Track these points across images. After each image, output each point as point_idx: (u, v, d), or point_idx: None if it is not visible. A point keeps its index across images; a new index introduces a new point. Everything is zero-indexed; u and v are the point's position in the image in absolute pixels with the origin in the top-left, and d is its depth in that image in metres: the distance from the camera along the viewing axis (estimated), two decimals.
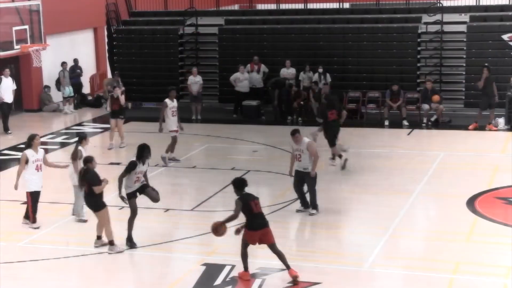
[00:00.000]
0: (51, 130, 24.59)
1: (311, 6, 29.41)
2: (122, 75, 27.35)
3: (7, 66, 24.33)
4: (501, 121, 23.02)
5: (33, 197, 14.77)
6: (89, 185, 13.40)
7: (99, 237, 13.78)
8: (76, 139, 16.66)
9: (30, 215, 14.79)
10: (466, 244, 13.69)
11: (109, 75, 29.88)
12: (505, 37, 25.24)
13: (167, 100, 19.41)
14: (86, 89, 29.43)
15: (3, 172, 19.78)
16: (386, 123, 23.84)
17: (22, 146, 21.53)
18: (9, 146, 22.00)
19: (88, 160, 13.68)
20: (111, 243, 13.53)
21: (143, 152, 13.65)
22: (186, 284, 12.14)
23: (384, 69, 26.13)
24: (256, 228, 12.13)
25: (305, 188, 15.48)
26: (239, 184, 12.32)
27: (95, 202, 13.49)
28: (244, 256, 12.26)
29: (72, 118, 26.75)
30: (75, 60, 28.45)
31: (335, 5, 29.23)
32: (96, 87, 29.94)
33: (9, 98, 23.56)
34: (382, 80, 25.74)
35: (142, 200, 16.41)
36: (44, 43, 24.76)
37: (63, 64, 27.70)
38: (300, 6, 29.49)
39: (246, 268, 12.32)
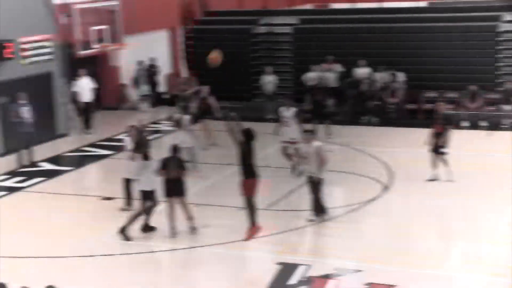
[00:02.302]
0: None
1: (386, 5, 29.24)
2: (196, 74, 27.66)
3: (86, 66, 24.89)
4: None
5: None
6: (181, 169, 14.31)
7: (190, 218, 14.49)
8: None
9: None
10: None
11: (184, 74, 30.23)
12: None
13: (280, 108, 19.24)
14: (162, 88, 29.89)
15: (83, 168, 20.31)
16: (465, 124, 23.44)
17: (101, 143, 22.19)
18: (89, 143, 22.54)
19: (176, 149, 14.47)
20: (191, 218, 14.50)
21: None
22: (260, 282, 12.22)
23: (461, 69, 25.70)
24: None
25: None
26: (247, 134, 13.46)
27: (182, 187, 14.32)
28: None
29: (148, 116, 27.14)
30: (152, 59, 28.94)
31: (411, 4, 28.96)
32: (171, 86, 30.33)
33: (87, 97, 24.06)
34: (459, 80, 25.32)
35: (216, 199, 16.73)
36: (122, 43, 25.23)
37: (140, 63, 28.21)
38: (375, 5, 29.36)
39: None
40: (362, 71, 25.74)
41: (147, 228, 14.39)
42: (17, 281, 10.33)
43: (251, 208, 13.66)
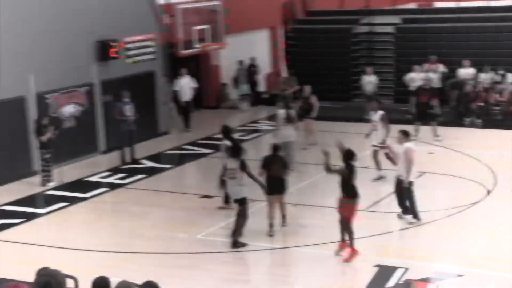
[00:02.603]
0: None
1: (494, 3, 28.45)
2: (296, 74, 27.66)
3: (187, 65, 25.22)
4: None
5: None
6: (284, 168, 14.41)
7: (284, 216, 14.68)
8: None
9: None
10: None
11: (284, 74, 30.25)
12: None
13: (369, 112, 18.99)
14: (261, 87, 30.00)
15: (182, 166, 20.59)
16: None
17: (201, 141, 22.44)
18: (188, 142, 22.82)
19: (278, 148, 14.68)
20: (284, 216, 14.72)
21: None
22: (358, 284, 12.10)
23: None
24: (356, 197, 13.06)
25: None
26: (347, 155, 13.11)
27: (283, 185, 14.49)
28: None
29: (248, 115, 27.32)
30: (252, 59, 29.09)
31: None
32: (271, 85, 30.43)
33: (187, 96, 24.35)
34: None
35: (312, 199, 16.64)
36: (223, 42, 25.45)
37: (240, 62, 28.40)
38: (482, 3, 28.61)
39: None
40: (466, 72, 25.12)
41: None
42: (115, 275, 10.49)
43: (349, 230, 13.26)
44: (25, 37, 18.93)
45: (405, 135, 14.92)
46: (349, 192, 13.12)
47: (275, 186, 14.35)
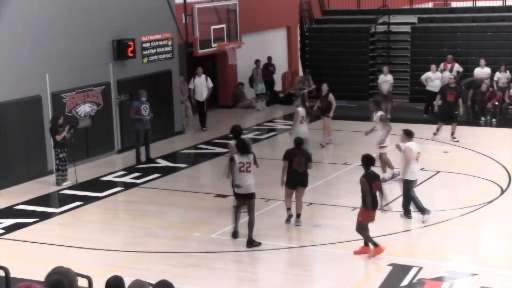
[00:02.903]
0: (244, 126, 24.99)
1: (509, 3, 28.31)
2: (313, 73, 27.68)
3: (204, 64, 25.25)
4: None
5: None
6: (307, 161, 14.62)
7: (299, 215, 14.83)
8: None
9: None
10: None
11: (301, 73, 30.26)
12: None
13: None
14: (278, 87, 30.02)
15: (198, 165, 20.65)
16: None
17: (216, 141, 22.49)
18: (204, 141, 22.88)
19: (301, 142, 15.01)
20: (299, 215, 14.79)
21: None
22: (372, 283, 12.09)
23: None
24: (373, 207, 12.80)
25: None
26: (366, 161, 12.98)
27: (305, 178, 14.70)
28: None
29: (264, 114, 27.33)
30: (269, 58, 29.11)
31: None
32: (287, 84, 30.45)
33: (200, 96, 24.37)
34: None
35: (327, 198, 16.64)
36: (240, 42, 25.49)
37: (257, 62, 28.44)
38: (498, 3, 28.48)
39: (375, 243, 12.76)
40: (482, 71, 25.02)
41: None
42: (129, 274, 10.56)
43: (366, 233, 13.21)
44: (41, 36, 19.05)
45: (407, 134, 14.97)
46: (371, 203, 13.04)
47: (297, 179, 14.59)
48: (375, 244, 12.93)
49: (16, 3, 18.41)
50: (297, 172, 14.54)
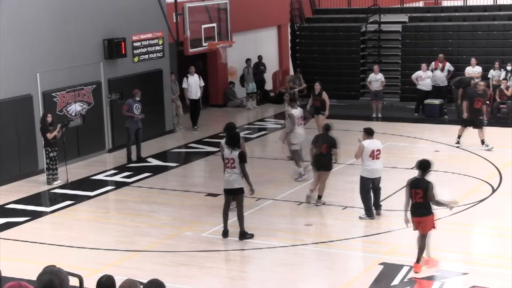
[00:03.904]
0: None
1: (500, 1, 28.39)
2: (304, 72, 27.69)
3: (195, 63, 25.23)
4: None
5: None
6: (329, 147, 15.52)
7: (320, 197, 15.72)
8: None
9: None
10: None
11: (292, 72, 30.27)
12: None
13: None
14: (268, 86, 30.02)
15: (189, 164, 20.64)
16: None
17: (207, 140, 22.48)
18: (195, 140, 22.85)
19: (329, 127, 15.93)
20: (320, 197, 15.69)
21: None
22: (363, 282, 12.09)
23: None
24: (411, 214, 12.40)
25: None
26: (421, 165, 12.41)
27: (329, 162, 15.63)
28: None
29: (255, 113, 27.35)
30: (259, 57, 29.11)
31: None
32: (278, 83, 30.45)
33: (195, 95, 24.36)
34: None
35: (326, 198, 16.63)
36: (231, 41, 25.48)
37: (248, 61, 28.43)
38: (488, 2, 28.57)
39: (418, 259, 12.32)
40: (473, 70, 25.07)
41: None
42: (120, 273, 10.55)
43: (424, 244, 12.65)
44: (32, 35, 19.01)
45: (366, 132, 14.94)
46: (430, 208, 12.51)
47: (322, 163, 15.64)
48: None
49: (7, 3, 18.35)
50: (322, 155, 15.54)
